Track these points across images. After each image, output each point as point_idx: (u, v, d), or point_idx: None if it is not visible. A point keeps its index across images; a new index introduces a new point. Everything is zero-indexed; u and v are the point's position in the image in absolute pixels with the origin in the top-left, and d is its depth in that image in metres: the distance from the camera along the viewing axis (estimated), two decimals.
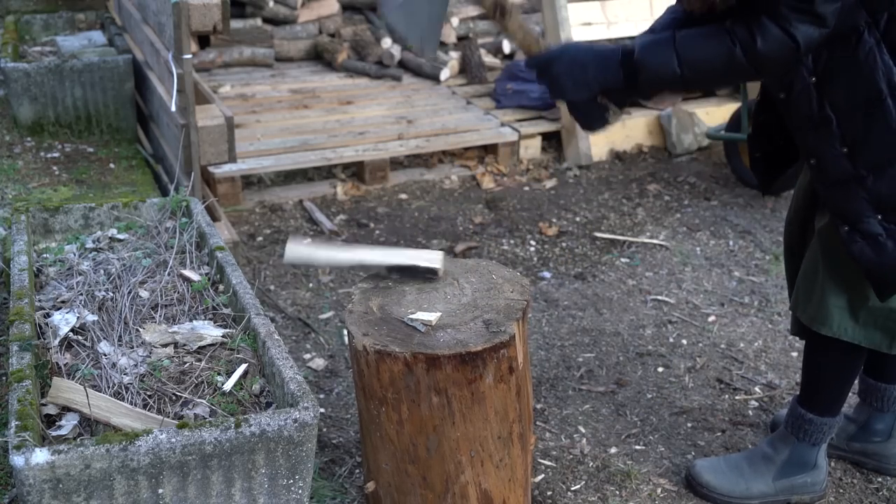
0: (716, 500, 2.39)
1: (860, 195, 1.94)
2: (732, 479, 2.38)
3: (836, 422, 2.33)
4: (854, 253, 1.98)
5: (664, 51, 1.86)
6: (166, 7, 3.47)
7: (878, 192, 1.92)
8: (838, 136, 1.93)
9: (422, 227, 4.05)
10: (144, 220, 2.69)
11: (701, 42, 1.86)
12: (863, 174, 1.93)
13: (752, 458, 2.41)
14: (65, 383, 1.90)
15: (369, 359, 1.90)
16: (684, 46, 1.85)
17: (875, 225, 1.95)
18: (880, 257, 1.95)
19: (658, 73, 1.88)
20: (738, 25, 1.82)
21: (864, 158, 1.92)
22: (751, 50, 1.81)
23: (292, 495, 1.84)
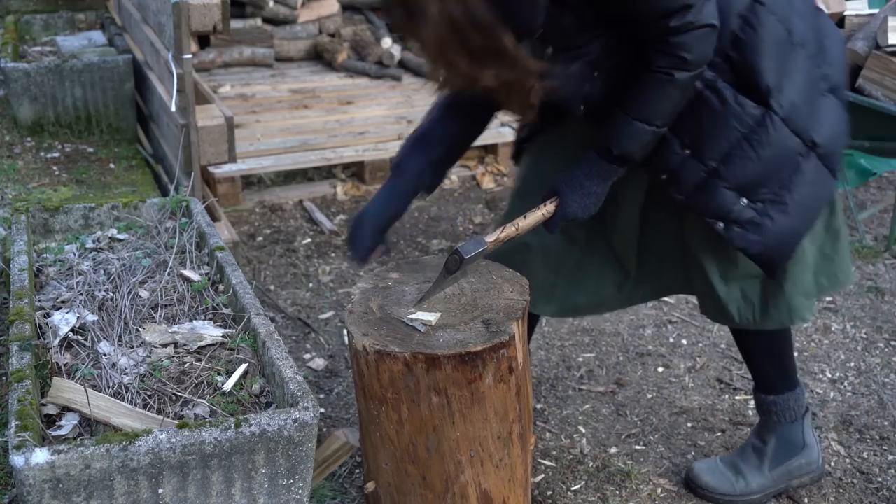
0: (718, 500, 2.39)
1: (720, 187, 1.98)
2: (731, 478, 2.39)
3: (800, 390, 2.37)
4: (738, 244, 2.01)
5: (630, 129, 1.90)
6: (166, 7, 3.47)
7: (734, 176, 1.96)
8: (676, 142, 1.98)
9: (422, 227, 4.05)
10: (144, 220, 2.70)
11: (647, 100, 1.89)
12: (713, 166, 1.97)
13: (745, 453, 2.42)
14: (65, 383, 1.90)
15: (369, 359, 1.90)
16: (639, 112, 1.89)
17: (745, 209, 1.99)
18: (764, 237, 2.00)
19: (642, 144, 1.92)
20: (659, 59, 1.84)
21: (708, 152, 1.96)
22: (688, 64, 1.84)
23: (292, 495, 1.84)
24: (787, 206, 1.99)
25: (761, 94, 1.93)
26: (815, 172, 2.00)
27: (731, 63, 1.93)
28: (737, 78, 1.93)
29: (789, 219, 2.00)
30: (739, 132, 1.94)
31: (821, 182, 2.02)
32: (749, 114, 1.94)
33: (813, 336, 3.23)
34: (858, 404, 2.85)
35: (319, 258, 3.73)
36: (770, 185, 1.98)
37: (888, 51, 3.71)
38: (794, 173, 1.99)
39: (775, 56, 1.94)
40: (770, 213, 1.99)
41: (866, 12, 4.06)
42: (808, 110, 1.97)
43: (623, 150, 1.93)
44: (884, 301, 3.47)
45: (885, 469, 2.56)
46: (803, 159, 1.99)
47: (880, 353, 3.13)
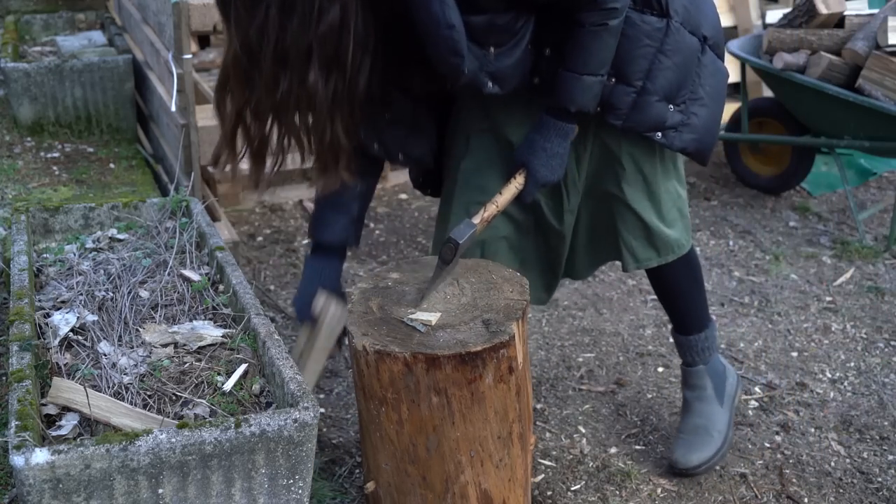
0: (715, 463, 2.47)
1: (651, 101, 2.09)
2: (706, 439, 2.47)
3: (714, 324, 2.53)
4: (679, 146, 2.16)
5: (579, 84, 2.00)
6: (166, 7, 3.47)
7: (660, 88, 2.09)
8: None
9: (422, 227, 4.05)
10: (144, 220, 2.69)
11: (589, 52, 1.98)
12: (639, 85, 2.08)
13: (693, 410, 2.52)
14: (65, 383, 1.90)
15: (369, 359, 1.90)
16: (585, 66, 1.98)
17: (675, 115, 2.13)
18: (696, 133, 2.16)
19: (594, 95, 2.03)
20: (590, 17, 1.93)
21: (632, 74, 2.07)
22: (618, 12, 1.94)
23: (292, 495, 1.84)
24: (703, 99, 2.16)
25: (658, 6, 2.06)
26: (712, 63, 2.18)
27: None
28: None
29: (708, 110, 2.18)
30: (653, 47, 2.07)
31: (718, 70, 2.20)
32: (655, 27, 2.06)
33: (813, 336, 3.23)
34: (858, 404, 2.85)
35: None
36: (687, 85, 2.13)
37: (888, 51, 3.71)
38: (699, 68, 2.15)
39: None
40: (693, 111, 2.15)
41: (866, 12, 4.07)
42: (694, 9, 2.12)
43: (579, 106, 2.02)
44: (884, 301, 3.47)
45: (885, 469, 2.56)
46: (702, 55, 2.15)
47: (880, 353, 3.13)
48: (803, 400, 2.86)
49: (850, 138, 3.88)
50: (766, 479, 2.51)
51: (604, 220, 2.30)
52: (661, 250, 2.30)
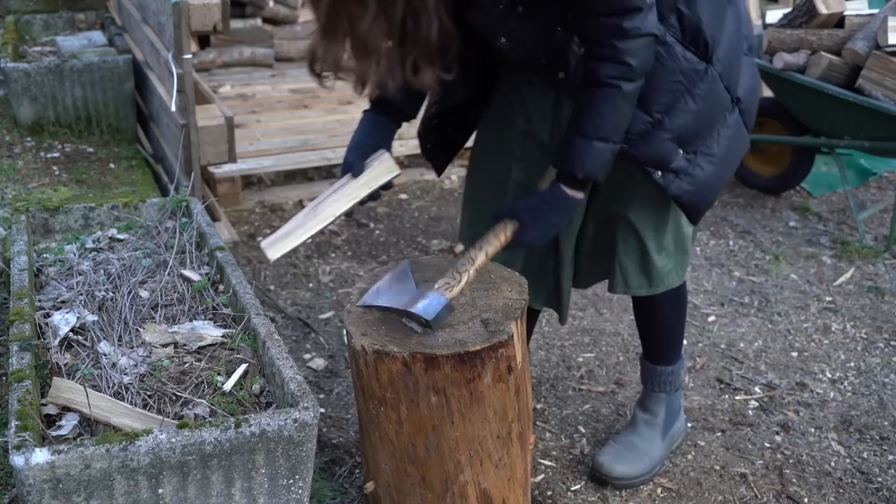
0: (634, 484, 2.46)
1: (663, 137, 2.03)
2: (637, 458, 2.46)
3: (683, 360, 2.53)
4: (674, 192, 2.08)
5: (590, 150, 1.93)
6: (166, 7, 3.47)
7: (676, 128, 2.03)
8: None
9: (422, 227, 4.05)
10: (144, 220, 2.70)
11: (601, 116, 1.92)
12: (658, 118, 2.02)
13: (638, 430, 2.51)
14: (65, 383, 1.90)
15: (368, 359, 1.90)
16: (596, 130, 1.92)
17: (681, 160, 2.07)
18: (694, 186, 2.09)
19: (604, 163, 1.96)
20: (605, 69, 1.88)
21: (654, 104, 2.00)
22: (633, 73, 1.89)
23: (292, 495, 1.84)
24: (714, 156, 2.09)
25: (704, 49, 2.00)
26: (736, 126, 2.11)
27: (680, 17, 1.97)
28: (683, 32, 1.98)
29: (715, 169, 2.10)
30: (683, 85, 2.01)
31: (740, 136, 2.13)
32: (694, 69, 2.00)
33: (813, 336, 3.23)
34: (858, 404, 2.85)
35: (319, 258, 3.73)
36: (703, 137, 2.07)
37: (888, 51, 3.71)
38: (722, 126, 2.09)
39: (715, 11, 2.01)
40: (700, 164, 2.09)
41: (866, 12, 4.06)
42: (736, 68, 2.08)
43: (587, 172, 1.95)
44: (884, 301, 3.47)
45: (885, 469, 2.56)
46: (729, 113, 2.09)
47: (880, 353, 3.13)
48: (803, 400, 2.86)
49: (850, 138, 3.88)
50: (766, 479, 2.51)
51: (607, 239, 2.27)
52: (654, 281, 2.28)
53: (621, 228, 2.23)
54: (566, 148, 1.96)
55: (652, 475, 2.48)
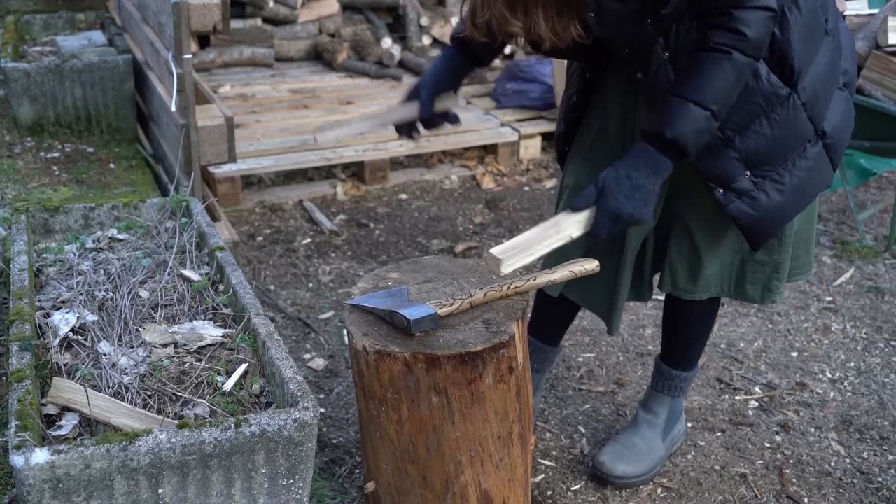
0: (634, 484, 2.46)
1: (731, 156, 1.99)
2: (638, 458, 2.46)
3: (697, 369, 2.53)
4: (732, 212, 2.04)
5: (685, 112, 1.83)
6: (166, 7, 3.47)
7: (746, 149, 1.99)
8: None
9: (422, 227, 4.05)
10: (144, 220, 2.69)
11: (705, 78, 1.84)
12: (729, 135, 1.98)
13: (639, 430, 2.51)
14: (65, 383, 1.90)
15: (369, 359, 1.90)
16: (696, 93, 1.83)
17: (746, 181, 2.02)
18: (756, 210, 2.04)
19: (698, 130, 1.85)
20: (717, 36, 1.82)
21: (728, 121, 1.94)
22: (746, 44, 1.81)
23: (292, 495, 1.84)
24: (784, 185, 2.03)
25: (789, 75, 1.95)
26: (817, 160, 2.04)
27: (773, 37, 1.91)
28: (771, 53, 1.93)
29: (783, 198, 2.04)
30: (762, 108, 1.96)
31: (820, 170, 2.06)
32: (776, 93, 1.95)
33: (813, 336, 3.23)
34: (858, 404, 2.85)
35: (319, 258, 3.73)
36: (774, 163, 2.01)
37: (888, 51, 3.71)
38: (799, 157, 2.02)
39: (808, 40, 1.95)
40: (766, 190, 2.03)
41: (866, 12, 4.07)
42: (824, 99, 2.00)
43: (676, 134, 1.83)
44: (884, 301, 3.47)
45: (885, 469, 2.56)
46: (810, 145, 2.02)
47: (880, 353, 3.13)
48: (803, 400, 2.86)
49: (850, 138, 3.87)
50: (766, 479, 2.51)
51: (663, 238, 2.24)
52: (699, 286, 2.25)
53: (676, 230, 2.20)
54: (660, 107, 1.87)
55: (652, 475, 2.48)
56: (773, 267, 2.22)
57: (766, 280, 2.24)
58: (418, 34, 6.09)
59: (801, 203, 2.08)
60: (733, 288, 2.26)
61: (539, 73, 5.14)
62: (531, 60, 5.42)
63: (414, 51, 5.95)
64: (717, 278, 2.24)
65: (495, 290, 2.02)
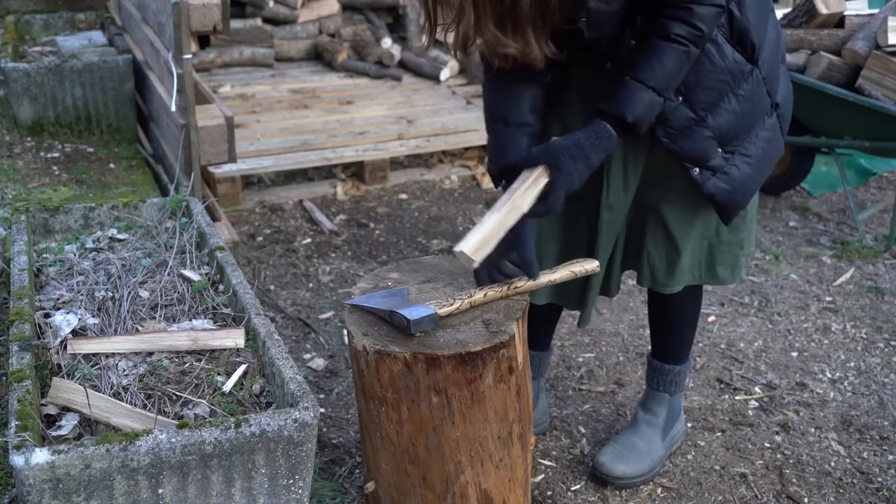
0: (634, 484, 2.45)
1: (705, 135, 2.06)
2: (637, 458, 2.46)
3: (690, 363, 2.52)
4: (710, 189, 2.10)
5: (643, 96, 1.92)
6: (166, 7, 3.47)
7: (719, 127, 2.06)
8: None
9: (422, 227, 4.05)
10: (144, 220, 2.70)
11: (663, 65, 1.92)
12: (701, 115, 2.04)
13: (639, 430, 2.52)
14: (65, 383, 1.90)
15: (369, 359, 1.90)
16: (654, 78, 1.92)
17: (719, 158, 2.09)
18: (730, 185, 2.11)
19: (651, 115, 1.97)
20: (677, 27, 1.90)
21: (699, 101, 2.03)
22: (700, 39, 1.92)
23: (292, 495, 1.84)
24: (751, 157, 2.12)
25: (751, 52, 2.03)
26: (773, 130, 2.14)
27: (731, 17, 2.00)
28: (731, 32, 2.01)
29: (752, 170, 2.13)
30: (730, 86, 2.04)
31: (776, 140, 2.16)
32: (741, 70, 2.03)
33: (813, 336, 3.23)
34: (858, 404, 2.85)
35: (319, 258, 3.73)
36: (742, 137, 2.10)
37: (888, 51, 3.71)
38: (760, 129, 2.12)
39: (761, 16, 2.05)
40: (737, 164, 2.11)
41: (866, 12, 4.07)
42: (775, 73, 2.11)
43: (637, 117, 1.91)
44: (884, 301, 3.47)
45: (885, 469, 2.56)
46: (767, 117, 2.12)
47: (880, 353, 3.14)
48: (803, 400, 2.86)
49: (850, 138, 3.88)
50: (766, 479, 2.51)
51: (637, 232, 2.26)
52: (676, 278, 2.27)
53: (651, 221, 2.23)
54: (620, 89, 1.91)
55: (652, 475, 2.48)
56: (738, 245, 2.28)
57: (734, 259, 2.29)
58: (418, 34, 6.09)
59: (766, 172, 2.17)
60: (705, 273, 2.30)
61: None
62: None
63: (414, 51, 5.95)
64: (689, 267, 2.28)
65: (495, 290, 2.02)
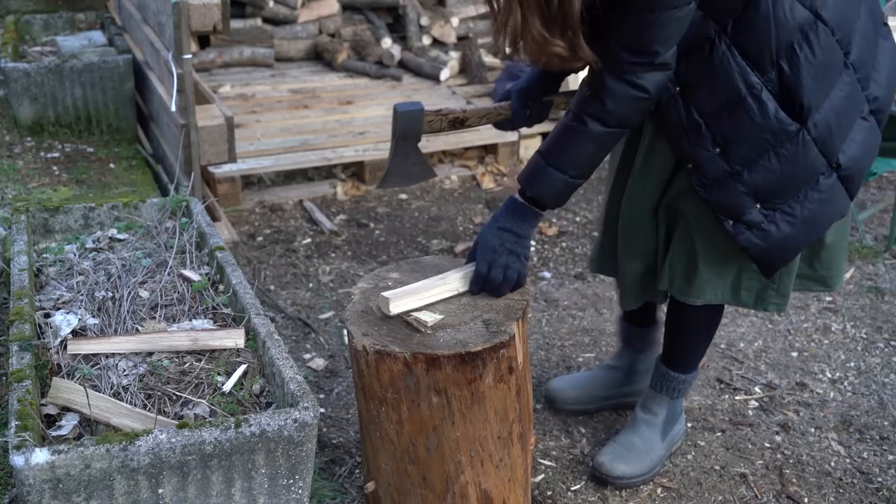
0: (634, 484, 2.46)
1: (739, 189, 2.03)
2: (637, 458, 2.46)
3: (697, 372, 2.51)
4: (742, 243, 2.07)
5: (543, 173, 1.99)
6: (166, 7, 3.47)
7: (755, 183, 2.02)
8: (709, 138, 2.02)
9: (422, 227, 4.05)
10: (144, 220, 2.70)
11: (562, 146, 1.97)
12: (738, 169, 2.02)
13: (638, 430, 2.51)
14: (65, 383, 1.90)
15: (369, 359, 1.90)
16: (554, 158, 1.97)
17: (756, 214, 2.05)
18: (766, 242, 2.06)
19: (554, 191, 2.01)
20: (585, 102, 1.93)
21: (736, 155, 2.01)
22: (605, 115, 1.92)
23: (292, 495, 1.84)
24: (795, 218, 2.05)
25: (799, 111, 1.96)
26: (831, 191, 2.04)
27: (781, 74, 1.93)
28: (780, 90, 1.95)
29: (793, 230, 2.06)
30: (770, 144, 1.98)
31: (834, 201, 2.06)
32: (784, 129, 1.96)
33: (813, 336, 3.23)
34: (858, 404, 2.85)
35: (319, 258, 3.73)
36: (784, 196, 2.03)
37: None
38: (811, 190, 2.03)
39: (822, 77, 1.95)
40: (777, 222, 2.05)
41: None
42: (840, 133, 2.00)
43: (535, 194, 2.01)
44: (884, 301, 3.47)
45: (885, 469, 2.56)
46: (823, 178, 2.03)
47: (880, 353, 3.14)
48: (803, 400, 2.86)
49: None
50: (766, 479, 2.51)
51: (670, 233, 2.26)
52: (695, 290, 2.23)
53: (680, 229, 2.21)
54: (529, 161, 2.03)
55: (652, 475, 2.48)
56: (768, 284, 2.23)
57: (759, 288, 2.23)
58: (418, 34, 6.09)
59: (813, 233, 2.09)
60: (728, 294, 2.25)
61: None
62: None
63: (414, 51, 5.94)
64: (713, 285, 2.23)
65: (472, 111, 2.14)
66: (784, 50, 1.91)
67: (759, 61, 1.93)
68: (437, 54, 5.82)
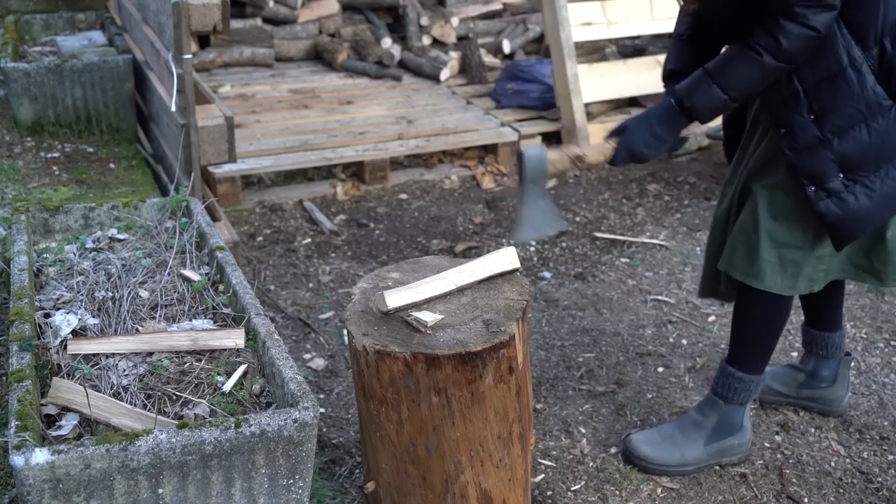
0: (654, 470, 2.47)
1: (827, 157, 2.12)
2: (668, 448, 2.48)
3: (761, 380, 2.47)
4: (821, 209, 2.15)
5: (706, 89, 2.11)
6: (166, 7, 3.47)
7: (843, 152, 2.11)
8: (806, 106, 2.12)
9: (422, 227, 4.05)
10: (144, 220, 2.70)
11: (732, 67, 2.09)
12: (829, 137, 2.11)
13: (684, 426, 2.52)
14: (65, 383, 1.90)
15: (369, 359, 1.90)
16: (721, 76, 2.09)
17: (838, 183, 2.13)
18: (843, 211, 2.14)
19: (711, 107, 2.14)
20: (759, 36, 2.01)
21: (829, 124, 2.10)
22: (779, 52, 2.01)
23: (292, 495, 1.84)
24: (874, 192, 2.13)
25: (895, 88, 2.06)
26: None
27: (883, 51, 2.04)
28: (880, 66, 2.05)
29: (871, 203, 2.14)
30: (863, 115, 2.08)
31: None
32: (879, 103, 2.06)
33: None
34: (858, 404, 2.84)
35: (319, 258, 3.73)
36: (868, 169, 2.12)
37: None
38: (892, 166, 2.13)
39: None
40: (856, 193, 2.13)
41: None
42: None
43: (693, 105, 2.13)
44: (884, 301, 3.47)
45: (885, 469, 2.56)
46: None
47: (880, 353, 3.13)
48: None
49: None
50: (766, 479, 2.51)
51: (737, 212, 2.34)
52: (755, 269, 2.27)
53: (748, 205, 2.28)
54: (694, 76, 2.13)
55: (677, 472, 2.48)
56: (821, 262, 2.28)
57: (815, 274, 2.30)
58: (418, 34, 6.09)
59: (888, 211, 2.18)
60: (787, 283, 2.28)
61: (539, 73, 5.14)
62: (531, 60, 5.42)
63: (414, 51, 5.95)
64: (772, 270, 2.26)
65: None
66: (889, 29, 2.02)
67: (864, 37, 2.03)
68: (437, 54, 5.82)
